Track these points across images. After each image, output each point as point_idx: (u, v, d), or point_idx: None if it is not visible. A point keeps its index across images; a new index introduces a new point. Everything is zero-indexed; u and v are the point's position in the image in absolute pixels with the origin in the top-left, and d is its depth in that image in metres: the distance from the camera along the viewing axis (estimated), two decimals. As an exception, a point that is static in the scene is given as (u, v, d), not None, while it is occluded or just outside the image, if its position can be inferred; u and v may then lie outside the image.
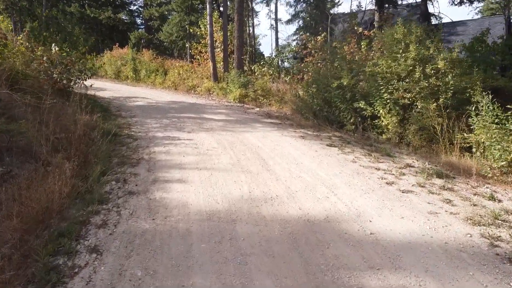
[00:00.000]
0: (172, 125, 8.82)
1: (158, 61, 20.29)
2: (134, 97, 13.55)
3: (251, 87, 13.76)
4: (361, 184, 5.16)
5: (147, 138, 7.52)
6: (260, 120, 9.94)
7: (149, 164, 5.93)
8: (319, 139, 7.82)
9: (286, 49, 17.57)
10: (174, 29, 22.19)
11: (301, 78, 13.35)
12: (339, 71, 9.08)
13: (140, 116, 9.77)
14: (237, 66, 14.35)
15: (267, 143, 7.27)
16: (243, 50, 14.78)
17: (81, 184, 4.86)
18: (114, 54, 22.34)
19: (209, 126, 8.79)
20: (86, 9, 24.54)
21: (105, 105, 11.14)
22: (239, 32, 14.04)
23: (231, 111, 11.30)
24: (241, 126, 8.89)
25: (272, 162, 6.10)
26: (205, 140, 7.40)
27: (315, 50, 13.18)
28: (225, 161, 6.08)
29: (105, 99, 12.59)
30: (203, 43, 18.38)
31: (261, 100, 13.17)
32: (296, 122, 9.90)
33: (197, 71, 16.70)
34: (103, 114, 9.32)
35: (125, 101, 12.46)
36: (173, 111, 10.80)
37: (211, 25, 15.07)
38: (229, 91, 13.85)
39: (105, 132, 7.66)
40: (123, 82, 19.87)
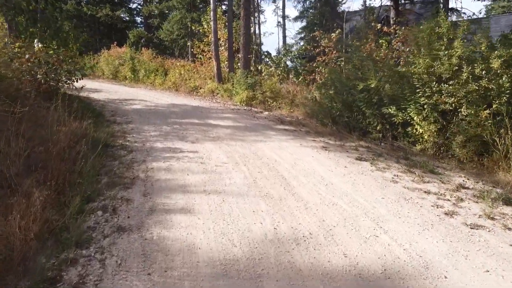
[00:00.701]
0: (173, 133, 7.72)
1: (157, 61, 19.20)
2: (131, 99, 12.45)
3: (259, 89, 12.66)
4: (414, 215, 4.06)
5: (144, 149, 6.42)
6: (273, 126, 8.84)
7: (146, 185, 4.83)
8: (345, 151, 6.72)
9: (294, 47, 16.50)
10: (175, 27, 21.09)
11: (313, 79, 12.25)
12: (364, 72, 7.98)
13: (137, 122, 8.68)
14: (243, 65, 13.24)
15: (285, 156, 6.17)
16: (250, 48, 13.69)
17: (56, 218, 3.77)
18: (112, 53, 21.23)
19: (216, 134, 7.69)
20: (82, 6, 23.45)
21: (99, 109, 10.04)
22: (245, 29, 12.94)
23: (238, 115, 10.20)
24: (252, 134, 7.79)
25: (295, 182, 5.00)
26: (213, 152, 6.30)
27: (328, 48, 12.09)
28: (238, 181, 4.98)
29: (99, 101, 11.50)
30: (205, 41, 17.29)
31: (270, 103, 12.07)
32: (313, 129, 8.80)
33: (200, 71, 15.59)
34: (95, 120, 8.24)
35: (122, 104, 11.37)
36: (174, 116, 9.70)
37: (215, 22, 13.98)
38: (235, 93, 12.75)
39: (96, 142, 6.59)
40: (121, 82, 18.77)
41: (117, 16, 23.91)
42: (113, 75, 19.90)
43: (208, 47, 17.23)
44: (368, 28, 12.30)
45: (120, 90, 15.06)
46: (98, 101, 11.64)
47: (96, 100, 11.71)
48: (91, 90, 13.98)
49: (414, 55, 6.82)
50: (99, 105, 10.75)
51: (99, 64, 21.05)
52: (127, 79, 18.81)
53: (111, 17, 24.03)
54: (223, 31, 16.32)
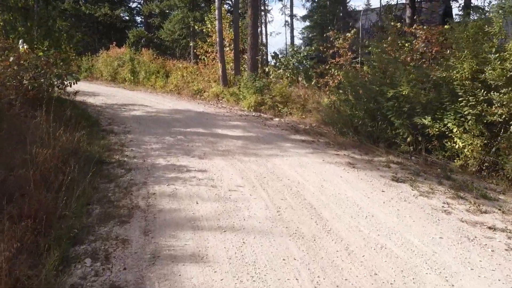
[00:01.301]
0: (178, 145, 6.85)
1: (158, 62, 18.33)
2: (130, 104, 11.58)
3: (268, 93, 11.78)
4: (489, 264, 3.19)
5: (144, 167, 5.55)
6: (287, 137, 7.97)
7: (147, 218, 3.96)
8: (375, 168, 5.84)
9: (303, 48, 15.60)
10: (177, 27, 20.22)
11: (326, 83, 11.38)
12: (393, 77, 7.11)
13: (136, 132, 7.80)
14: (250, 68, 12.37)
15: (309, 176, 5.29)
16: (258, 49, 12.80)
17: (30, 274, 2.90)
18: (111, 54, 20.35)
19: (226, 147, 6.81)
20: (81, 5, 22.57)
21: (95, 116, 9.17)
22: (253, 29, 12.07)
23: (247, 123, 9.32)
24: (266, 147, 6.91)
25: (328, 213, 4.13)
26: (224, 171, 5.43)
27: (343, 49, 11.22)
28: (259, 212, 4.11)
29: (96, 107, 10.63)
30: (209, 41, 16.41)
31: (280, 108, 11.19)
32: (332, 139, 7.93)
33: (203, 74, 14.71)
34: (90, 130, 7.38)
35: (120, 110, 10.49)
36: (177, 124, 8.82)
37: (220, 21, 13.10)
38: (242, 98, 11.88)
39: (89, 159, 5.74)
40: (120, 85, 17.90)
41: (116, 15, 23.03)
42: (112, 77, 19.03)
43: (212, 47, 16.36)
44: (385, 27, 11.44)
45: (119, 93, 14.19)
46: (95, 106, 10.77)
47: (92, 106, 10.84)
48: (88, 94, 13.13)
49: (456, 57, 5.92)
50: (95, 112, 9.88)
51: (97, 65, 20.18)
52: (127, 81, 17.94)
53: (110, 16, 23.15)
54: (228, 31, 15.45)
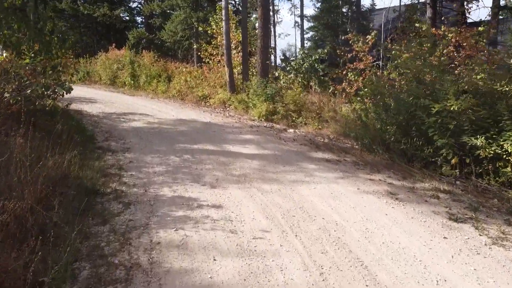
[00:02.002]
0: (185, 167, 5.89)
1: (160, 64, 17.37)
2: (130, 113, 10.62)
3: (279, 100, 10.83)
4: None
5: (146, 201, 4.60)
6: (308, 154, 7.01)
7: (150, 284, 3.01)
8: (422, 200, 4.88)
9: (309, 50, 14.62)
10: (179, 28, 19.25)
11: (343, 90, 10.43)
12: (437, 88, 6.16)
13: (137, 150, 6.85)
14: (260, 73, 11.40)
15: (347, 213, 4.33)
16: (268, 53, 11.84)
17: None
18: (110, 56, 19.38)
19: (240, 169, 5.86)
20: (79, 5, 21.61)
21: (90, 128, 8.22)
22: (263, 30, 11.11)
23: (260, 136, 8.36)
24: (287, 170, 5.95)
25: (385, 275, 3.17)
26: (243, 206, 4.47)
27: (362, 53, 10.26)
28: (297, 275, 3.15)
29: (92, 117, 9.67)
30: (214, 43, 15.44)
31: (294, 118, 10.24)
32: (358, 157, 6.97)
33: (208, 78, 13.75)
34: (84, 147, 6.44)
35: (119, 120, 9.53)
36: (182, 138, 7.86)
37: (227, 22, 12.13)
38: (251, 106, 10.92)
39: (80, 187, 4.82)
40: (120, 89, 16.94)
41: (116, 15, 22.07)
42: (111, 81, 18.08)
43: (217, 50, 15.40)
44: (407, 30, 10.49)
45: (118, 99, 13.23)
46: (91, 116, 9.82)
47: (88, 115, 9.89)
48: (85, 101, 12.20)
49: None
50: (91, 123, 8.93)
51: (96, 68, 19.23)
52: (127, 86, 16.98)
53: (109, 16, 22.19)
54: (235, 33, 14.48)
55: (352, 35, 10.17)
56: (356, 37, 10.21)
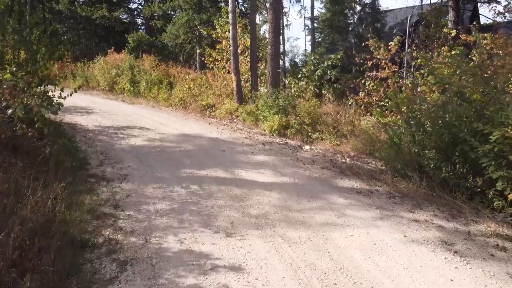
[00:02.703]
0: (192, 204, 4.97)
1: (161, 69, 16.45)
2: (129, 126, 9.70)
3: (292, 112, 9.91)
4: None
5: (146, 258, 3.67)
6: (334, 182, 6.08)
7: None
8: (487, 253, 3.94)
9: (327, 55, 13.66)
10: (181, 30, 18.32)
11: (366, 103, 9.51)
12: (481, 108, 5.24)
13: (136, 178, 5.93)
14: (271, 82, 10.46)
15: (402, 279, 3.40)
16: (280, 60, 10.91)
17: None
18: (109, 60, 18.47)
19: (259, 207, 4.93)
20: (76, 6, 20.69)
21: (84, 148, 7.30)
22: (274, 36, 10.18)
23: (275, 157, 7.44)
24: (314, 206, 5.03)
25: None
26: (269, 269, 3.54)
27: (385, 61, 9.33)
28: None
29: (87, 133, 8.75)
30: (219, 48, 14.51)
31: (309, 132, 9.32)
32: (391, 184, 6.06)
33: (213, 86, 12.82)
34: (74, 177, 5.54)
35: (116, 136, 8.61)
36: (188, 161, 6.94)
37: (235, 26, 11.21)
38: (262, 118, 9.99)
39: (66, 238, 3.93)
40: (119, 96, 16.02)
41: (115, 17, 21.15)
42: (109, 87, 17.16)
43: (222, 55, 14.47)
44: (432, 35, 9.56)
45: (117, 109, 12.31)
46: (86, 131, 8.90)
47: (83, 130, 8.97)
48: (80, 111, 11.30)
49: None
50: (85, 140, 8.01)
51: (94, 73, 18.31)
52: (126, 92, 16.06)
53: (108, 18, 21.26)
54: (242, 37, 13.55)
55: (373, 41, 9.23)
56: (377, 43, 9.27)
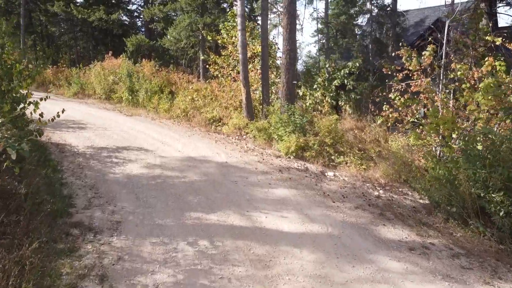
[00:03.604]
0: (203, 275, 3.79)
1: (161, 75, 15.29)
2: (126, 147, 8.53)
3: (311, 130, 8.75)
4: None
5: None
6: (377, 233, 4.91)
7: None
8: None
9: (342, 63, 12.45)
10: (183, 34, 17.15)
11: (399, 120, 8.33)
12: None
13: (130, 227, 4.76)
14: (285, 95, 9.26)
15: None
16: (296, 71, 9.73)
17: None
18: (106, 66, 17.30)
19: (290, 280, 3.76)
20: (72, 8, 19.51)
21: (70, 181, 6.13)
22: (290, 44, 8.99)
23: (298, 191, 6.28)
24: (361, 276, 3.86)
25: None
26: None
27: (417, 72, 8.16)
28: None
29: (76, 157, 7.58)
30: (224, 55, 13.34)
31: (331, 154, 8.15)
32: (447, 235, 4.90)
33: (219, 97, 11.63)
34: (53, 229, 4.41)
35: (110, 162, 7.44)
36: (194, 199, 5.77)
37: (243, 32, 10.02)
38: (276, 138, 8.82)
39: None
40: (116, 106, 14.84)
41: (113, 20, 19.97)
42: (106, 95, 15.99)
43: (228, 61, 13.30)
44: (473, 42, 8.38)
45: (113, 123, 11.13)
46: (75, 154, 7.73)
47: (71, 154, 7.81)
48: (73, 126, 10.17)
49: None
50: (73, 168, 6.85)
51: (90, 80, 17.14)
52: (124, 101, 14.89)
53: (105, 21, 20.08)
54: (251, 44, 12.38)
55: (405, 51, 8.06)
56: (409, 53, 8.10)
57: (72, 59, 25.43)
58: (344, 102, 11.38)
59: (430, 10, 19.34)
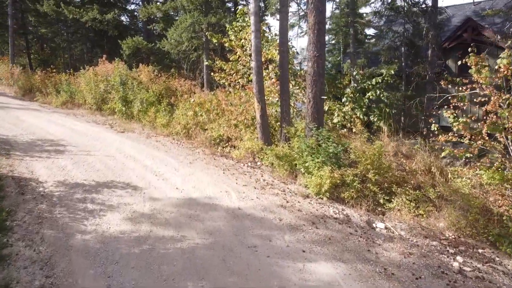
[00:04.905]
0: None
1: (160, 82, 13.39)
2: (107, 184, 6.61)
3: (346, 159, 6.81)
4: None
5: None
6: None
7: None
8: None
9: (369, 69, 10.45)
10: (184, 36, 15.26)
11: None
12: None
13: None
14: (311, 114, 7.25)
15: None
16: (324, 84, 7.74)
17: None
18: (100, 71, 15.40)
19: None
20: (62, 8, 17.64)
21: (15, 252, 4.22)
22: (318, 48, 6.99)
23: (348, 266, 4.34)
24: None
25: None
26: None
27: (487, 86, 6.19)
28: None
29: (40, 201, 5.66)
30: (233, 59, 11.39)
31: (375, 193, 6.20)
32: None
33: (227, 113, 9.66)
34: None
35: (82, 207, 5.51)
36: (195, 285, 3.83)
37: (258, 34, 8.07)
38: (301, 169, 6.86)
39: None
40: (107, 118, 12.95)
41: (108, 20, 18.08)
42: (97, 105, 14.08)
43: (236, 68, 11.36)
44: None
45: (99, 144, 9.22)
46: (38, 197, 5.81)
47: (34, 195, 5.88)
48: (48, 148, 8.31)
49: None
50: (28, 223, 4.96)
51: (80, 87, 15.25)
52: (116, 113, 12.98)
53: (99, 21, 18.20)
54: (267, 49, 10.41)
55: (476, 58, 6.08)
56: (481, 62, 6.12)
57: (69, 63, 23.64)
58: (376, 118, 9.41)
59: (454, 9, 17.37)
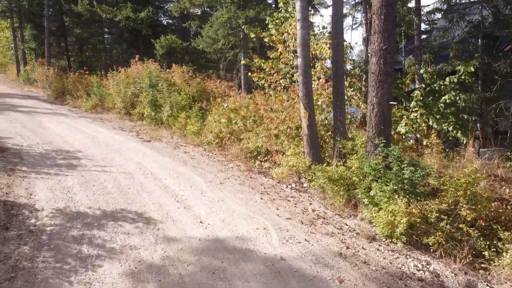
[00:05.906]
0: None
1: (194, 84, 12.12)
2: (114, 214, 5.29)
3: (427, 185, 5.04)
4: None
5: None
6: None
7: None
8: None
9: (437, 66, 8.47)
10: (220, 33, 13.97)
11: None
12: None
13: None
14: (376, 124, 5.52)
15: None
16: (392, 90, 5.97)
17: None
18: (131, 73, 14.42)
19: None
20: (96, 7, 16.94)
21: None
22: (386, 40, 5.23)
23: None
24: None
25: None
26: None
27: None
28: None
29: (26, 237, 4.38)
30: (273, 57, 9.81)
31: (477, 242, 4.41)
32: None
33: (266, 120, 8.11)
34: None
35: (75, 252, 4.19)
36: None
37: (305, 23, 6.44)
38: (366, 201, 5.16)
39: None
40: (136, 124, 11.85)
41: (141, 18, 17.15)
42: (126, 109, 13.06)
43: (277, 66, 9.78)
44: None
45: (118, 157, 8.00)
46: (25, 234, 4.58)
47: (20, 229, 4.67)
48: (61, 162, 7.18)
49: None
50: (3, 278, 3.65)
51: (110, 90, 14.34)
52: (145, 119, 11.84)
53: (133, 20, 17.33)
54: (315, 44, 8.76)
55: None
56: None
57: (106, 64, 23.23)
58: (452, 126, 7.50)
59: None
